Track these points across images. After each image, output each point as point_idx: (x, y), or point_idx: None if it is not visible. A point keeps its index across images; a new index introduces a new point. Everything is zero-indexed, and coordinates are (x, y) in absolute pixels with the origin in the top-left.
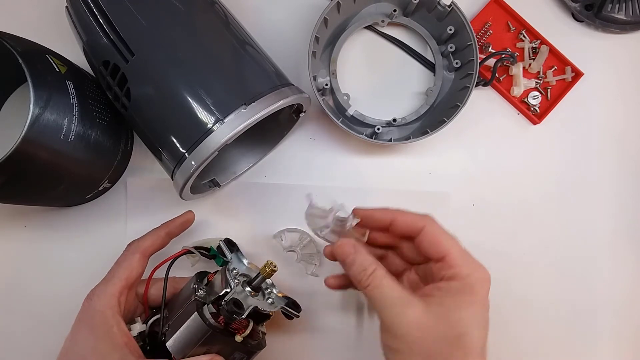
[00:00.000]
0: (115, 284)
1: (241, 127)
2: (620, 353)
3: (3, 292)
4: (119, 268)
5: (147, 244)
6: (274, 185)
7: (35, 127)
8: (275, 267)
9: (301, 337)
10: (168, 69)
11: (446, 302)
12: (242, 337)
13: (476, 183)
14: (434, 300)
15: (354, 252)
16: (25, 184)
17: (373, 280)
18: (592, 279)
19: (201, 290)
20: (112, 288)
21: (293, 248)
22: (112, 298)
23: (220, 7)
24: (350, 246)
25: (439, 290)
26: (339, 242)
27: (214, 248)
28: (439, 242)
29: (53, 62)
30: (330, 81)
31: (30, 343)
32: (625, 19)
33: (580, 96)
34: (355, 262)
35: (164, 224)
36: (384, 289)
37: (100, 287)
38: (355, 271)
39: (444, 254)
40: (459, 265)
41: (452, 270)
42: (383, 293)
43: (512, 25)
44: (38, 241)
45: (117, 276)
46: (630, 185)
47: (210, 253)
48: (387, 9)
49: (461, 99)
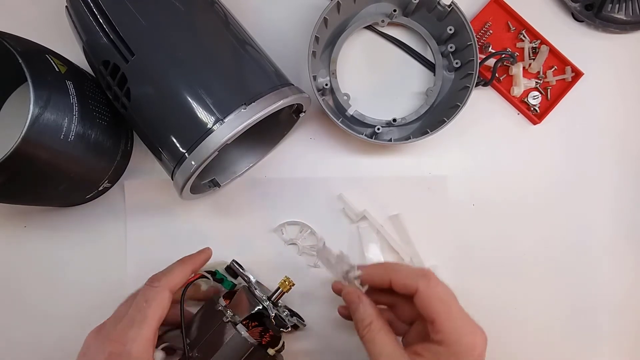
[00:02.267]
0: (150, 325)
1: (241, 127)
2: (620, 352)
3: (3, 292)
4: (151, 308)
5: (177, 280)
6: (273, 180)
7: (35, 127)
8: (293, 282)
9: (301, 335)
10: (168, 69)
11: None
12: (274, 350)
13: (476, 183)
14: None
15: (358, 302)
16: (26, 184)
17: (368, 332)
18: (592, 278)
19: (229, 311)
20: (147, 331)
21: (294, 241)
22: (148, 342)
23: (220, 7)
24: (355, 295)
25: (428, 352)
26: (346, 290)
27: (219, 272)
28: (428, 307)
29: (53, 62)
30: (330, 81)
31: (30, 343)
32: (625, 19)
33: (580, 96)
34: (356, 312)
35: (188, 260)
36: (375, 344)
37: (135, 331)
38: (355, 320)
39: (433, 318)
40: (447, 331)
41: (439, 335)
42: (374, 348)
43: (512, 25)
44: (38, 241)
45: (150, 317)
46: (631, 185)
47: (217, 277)
48: (387, 9)
49: (461, 99)
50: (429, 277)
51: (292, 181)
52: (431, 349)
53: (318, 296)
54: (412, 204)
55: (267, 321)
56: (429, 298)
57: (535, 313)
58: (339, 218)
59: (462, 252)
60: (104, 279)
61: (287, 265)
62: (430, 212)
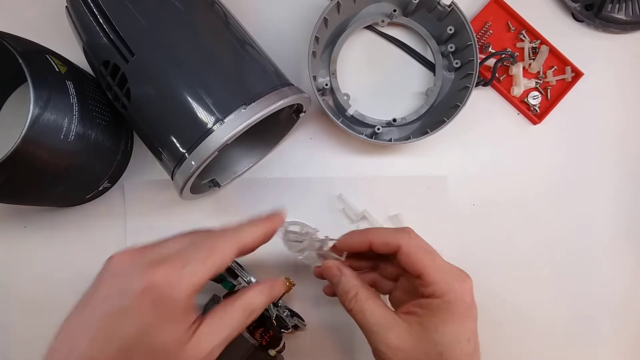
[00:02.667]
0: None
1: (241, 127)
2: (620, 352)
3: (2, 292)
4: (216, 254)
5: (248, 240)
6: (273, 180)
7: (35, 127)
8: (293, 283)
9: (301, 336)
10: (168, 69)
11: (426, 322)
12: (275, 351)
13: (476, 183)
14: (414, 319)
15: (339, 274)
16: (26, 184)
17: (355, 304)
18: (592, 278)
19: None
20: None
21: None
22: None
23: (220, 7)
24: (335, 268)
25: (420, 307)
26: (326, 264)
27: None
28: (414, 261)
29: (53, 62)
30: (330, 81)
31: (30, 343)
32: (625, 19)
33: (580, 96)
34: (339, 284)
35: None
36: (365, 314)
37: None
38: (339, 293)
39: (420, 272)
40: (436, 282)
41: (429, 288)
42: (365, 318)
43: (512, 25)
44: (38, 241)
45: (211, 263)
46: (631, 185)
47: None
48: (387, 9)
49: (461, 99)
50: (409, 232)
51: (292, 181)
52: (423, 304)
53: (318, 296)
54: (412, 204)
55: (268, 322)
56: (413, 251)
57: (535, 313)
58: (339, 218)
59: (462, 252)
60: None
61: (287, 265)
62: (430, 212)
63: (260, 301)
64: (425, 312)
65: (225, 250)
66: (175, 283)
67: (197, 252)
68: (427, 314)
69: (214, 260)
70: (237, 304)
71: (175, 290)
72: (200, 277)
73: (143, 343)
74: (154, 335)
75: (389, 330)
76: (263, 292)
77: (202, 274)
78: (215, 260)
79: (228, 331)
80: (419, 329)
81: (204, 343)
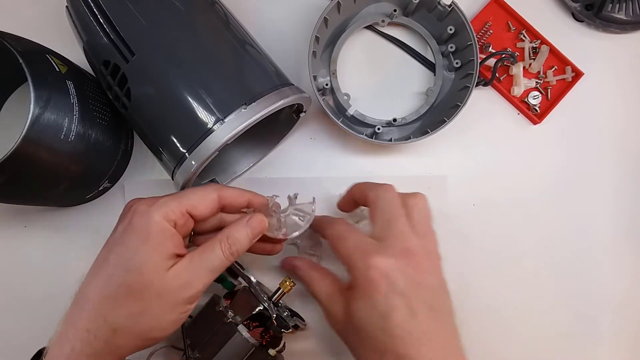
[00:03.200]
0: (181, 203)
1: (241, 127)
2: (620, 352)
3: (3, 292)
4: (192, 193)
5: (230, 193)
6: (274, 180)
7: (36, 127)
8: (293, 283)
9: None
10: (168, 68)
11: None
12: (275, 351)
13: (476, 183)
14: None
15: None
16: (26, 184)
17: None
18: (592, 278)
19: (230, 311)
20: (177, 205)
21: (294, 241)
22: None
23: (221, 7)
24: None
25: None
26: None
27: None
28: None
29: (53, 62)
30: (330, 81)
31: (30, 343)
32: (625, 19)
33: (581, 96)
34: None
35: (248, 191)
36: None
37: (164, 199)
38: None
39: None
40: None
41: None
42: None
43: (512, 25)
44: (38, 241)
45: (186, 197)
46: (631, 185)
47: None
48: (387, 9)
49: (461, 99)
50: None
51: (292, 181)
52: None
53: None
54: None
55: (268, 322)
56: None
57: (535, 313)
58: None
59: (462, 251)
60: None
61: None
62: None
63: (242, 234)
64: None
65: (204, 193)
66: (149, 211)
67: (182, 192)
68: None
69: (189, 196)
70: (217, 237)
71: (148, 218)
72: (173, 209)
73: (122, 262)
74: (132, 256)
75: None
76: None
77: (174, 206)
78: (196, 198)
79: (208, 263)
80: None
81: (183, 273)
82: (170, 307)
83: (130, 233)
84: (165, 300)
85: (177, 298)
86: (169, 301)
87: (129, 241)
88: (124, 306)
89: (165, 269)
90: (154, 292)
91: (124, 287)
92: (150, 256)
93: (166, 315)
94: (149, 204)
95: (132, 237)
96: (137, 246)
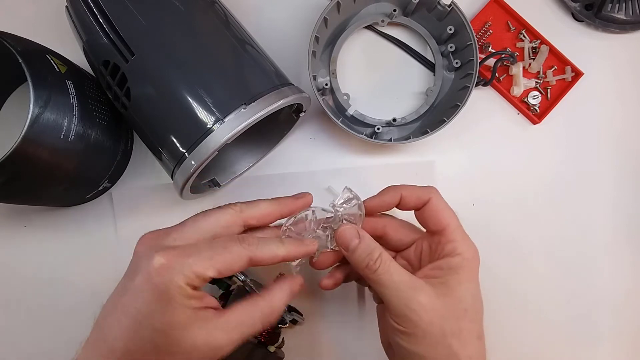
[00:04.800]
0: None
1: (241, 126)
2: (620, 352)
3: (3, 292)
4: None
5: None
6: (272, 176)
7: (35, 126)
8: None
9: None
10: (168, 68)
11: (449, 281)
12: (275, 347)
13: (476, 183)
14: (437, 281)
15: (358, 238)
16: (26, 184)
17: (382, 264)
18: (592, 278)
19: None
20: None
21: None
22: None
23: (220, 6)
24: (354, 231)
25: (440, 269)
26: (342, 229)
27: None
28: (439, 214)
29: (53, 62)
30: (330, 81)
31: (30, 343)
32: (625, 19)
33: (580, 96)
34: (358, 249)
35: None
36: (393, 273)
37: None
38: (359, 258)
39: (444, 226)
40: (456, 240)
41: (449, 245)
42: (393, 278)
43: (512, 25)
44: (38, 241)
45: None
46: (630, 185)
47: None
48: (387, 8)
49: (461, 98)
50: (436, 190)
51: (287, 176)
52: (441, 265)
53: (316, 291)
54: None
55: None
56: (440, 207)
57: (535, 312)
58: None
59: None
60: (104, 279)
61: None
62: None
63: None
64: (446, 272)
65: (235, 254)
66: (174, 269)
67: (208, 248)
68: (449, 272)
69: (221, 260)
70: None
71: (169, 282)
72: (202, 270)
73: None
74: (155, 315)
75: (418, 290)
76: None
77: (204, 268)
78: (222, 261)
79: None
80: (444, 288)
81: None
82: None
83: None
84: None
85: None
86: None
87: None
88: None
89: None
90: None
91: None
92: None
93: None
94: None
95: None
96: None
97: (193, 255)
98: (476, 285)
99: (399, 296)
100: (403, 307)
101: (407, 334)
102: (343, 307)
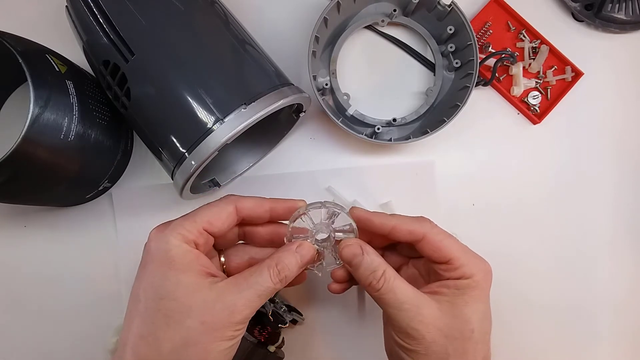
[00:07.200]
0: (196, 221)
1: (241, 126)
2: (620, 352)
3: (3, 292)
4: (207, 210)
5: (248, 204)
6: (272, 176)
7: (35, 126)
8: None
9: (301, 330)
10: (168, 68)
11: (456, 300)
12: (275, 346)
13: (476, 183)
14: (443, 299)
15: (362, 252)
16: (26, 184)
17: (385, 283)
18: (592, 278)
19: None
20: (192, 224)
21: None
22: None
23: (220, 6)
24: (357, 246)
25: (447, 287)
26: (346, 242)
27: None
28: (441, 248)
29: (53, 62)
30: (330, 81)
31: (30, 343)
32: (625, 19)
33: (580, 96)
34: (362, 264)
35: (267, 199)
36: (396, 292)
37: (177, 220)
38: (362, 274)
39: (448, 258)
40: (464, 265)
41: (458, 271)
42: (396, 297)
43: (512, 25)
44: (38, 241)
45: (201, 214)
46: (631, 185)
47: None
48: (387, 8)
49: (461, 98)
50: (430, 222)
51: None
52: (449, 284)
53: (316, 290)
54: (411, 203)
55: (265, 318)
56: (439, 240)
57: (535, 312)
58: None
59: None
60: (104, 279)
61: None
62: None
63: (292, 261)
64: (454, 292)
65: (220, 208)
66: (163, 235)
67: (197, 211)
68: (457, 293)
69: (203, 213)
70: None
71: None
72: (188, 228)
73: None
74: (161, 283)
75: (421, 307)
76: (291, 251)
77: (189, 226)
78: (205, 213)
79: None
80: (450, 307)
81: (226, 295)
82: (216, 334)
83: (151, 262)
84: (210, 326)
85: (223, 322)
86: (215, 327)
87: (152, 270)
88: (164, 340)
89: (201, 290)
90: (196, 317)
91: (160, 317)
92: (181, 279)
93: (213, 344)
94: (162, 228)
95: (154, 265)
96: (163, 272)
97: (183, 218)
98: (486, 304)
99: (404, 313)
100: (405, 326)
101: (410, 350)
102: (343, 307)
